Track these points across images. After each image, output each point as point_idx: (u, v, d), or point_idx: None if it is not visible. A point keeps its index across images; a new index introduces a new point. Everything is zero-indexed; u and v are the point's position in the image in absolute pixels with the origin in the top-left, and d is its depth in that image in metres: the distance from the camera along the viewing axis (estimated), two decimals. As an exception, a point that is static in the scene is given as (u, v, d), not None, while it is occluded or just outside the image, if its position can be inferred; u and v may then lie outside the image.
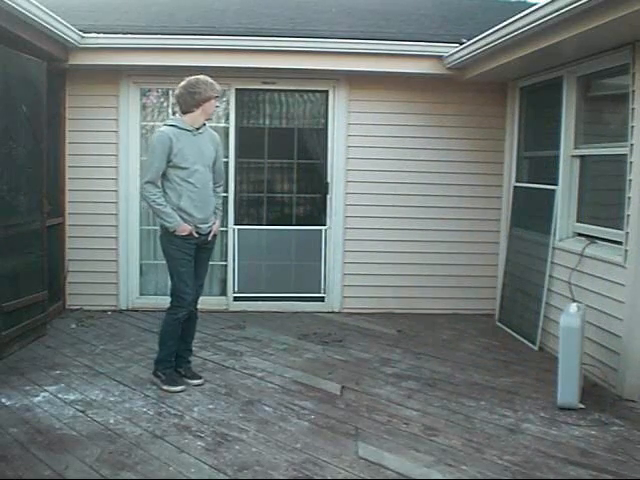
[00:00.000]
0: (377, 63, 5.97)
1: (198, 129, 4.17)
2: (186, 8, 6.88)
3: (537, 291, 5.37)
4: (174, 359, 4.27)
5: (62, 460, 3.12)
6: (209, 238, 4.28)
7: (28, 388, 4.08)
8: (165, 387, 4.15)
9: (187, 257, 4.15)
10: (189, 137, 4.12)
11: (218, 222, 4.37)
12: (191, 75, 4.15)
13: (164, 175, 4.10)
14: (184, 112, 4.16)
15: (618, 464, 3.23)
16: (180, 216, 4.08)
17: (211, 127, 6.31)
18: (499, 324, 6.05)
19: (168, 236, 4.14)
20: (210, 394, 4.09)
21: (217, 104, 4.26)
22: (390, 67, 5.98)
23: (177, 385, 4.17)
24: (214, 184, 4.31)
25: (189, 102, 4.11)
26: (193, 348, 5.03)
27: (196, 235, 4.14)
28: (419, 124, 6.33)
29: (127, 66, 5.97)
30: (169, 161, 4.05)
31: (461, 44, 5.66)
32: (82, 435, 3.41)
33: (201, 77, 4.16)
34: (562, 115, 5.16)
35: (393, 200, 6.34)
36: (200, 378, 4.32)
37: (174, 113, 6.48)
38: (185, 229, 4.09)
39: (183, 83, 4.16)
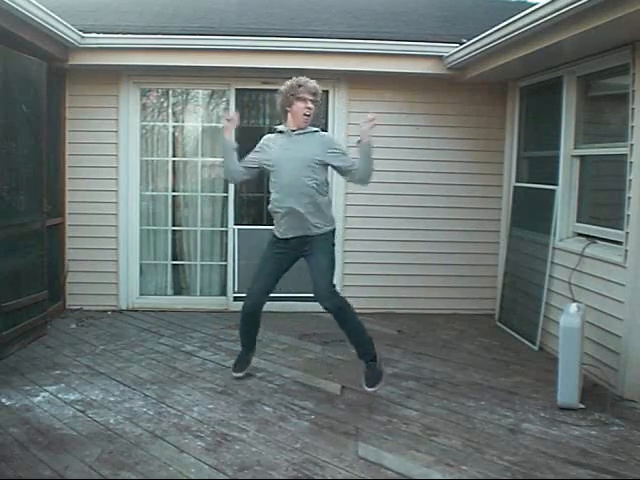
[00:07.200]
0: (377, 63, 5.97)
1: (294, 131, 4.13)
2: (186, 8, 6.87)
3: (537, 291, 5.36)
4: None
5: (62, 460, 3.12)
6: (305, 247, 4.10)
7: (28, 388, 4.08)
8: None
9: (268, 257, 4.23)
10: (283, 139, 4.16)
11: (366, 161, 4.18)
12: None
13: None
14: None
15: (618, 464, 3.23)
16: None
17: (211, 127, 6.47)
18: (499, 324, 6.05)
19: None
20: (210, 394, 4.08)
21: (309, 105, 4.08)
22: (390, 67, 5.98)
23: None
24: (347, 173, 4.21)
25: (280, 106, 4.17)
26: (194, 348, 5.03)
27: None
28: (419, 124, 6.33)
29: (127, 66, 5.97)
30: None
31: (461, 44, 5.66)
32: (82, 435, 3.41)
33: (295, 79, 4.12)
34: (562, 115, 5.16)
35: (393, 200, 6.34)
36: (373, 387, 4.06)
37: (174, 113, 6.51)
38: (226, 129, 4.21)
39: None
